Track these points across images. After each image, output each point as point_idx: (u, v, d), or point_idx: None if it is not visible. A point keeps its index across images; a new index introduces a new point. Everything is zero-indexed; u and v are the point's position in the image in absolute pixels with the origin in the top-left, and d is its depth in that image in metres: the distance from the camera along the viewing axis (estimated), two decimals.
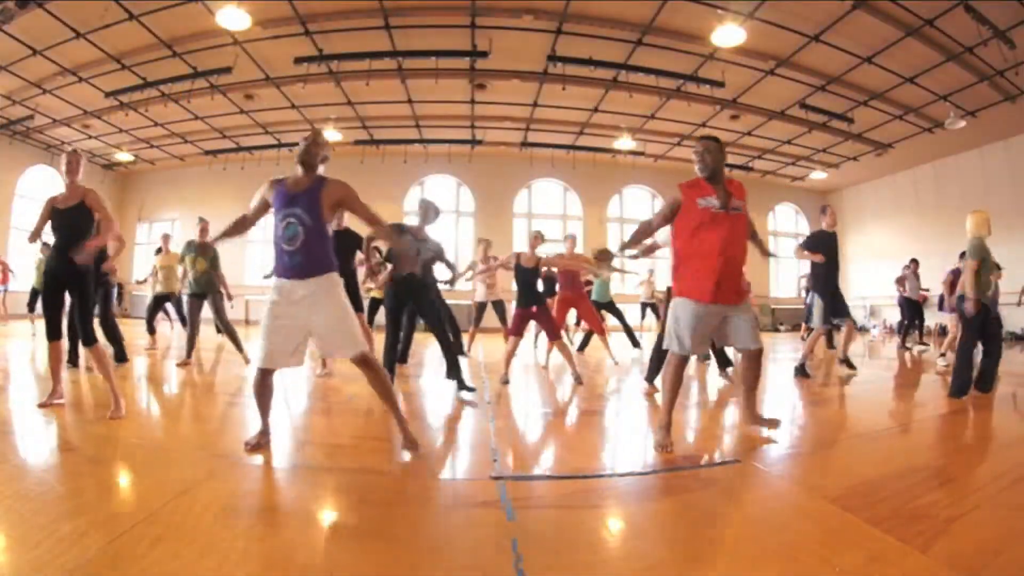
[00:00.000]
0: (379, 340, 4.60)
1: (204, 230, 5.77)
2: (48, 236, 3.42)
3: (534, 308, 4.97)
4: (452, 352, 4.36)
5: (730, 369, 5.05)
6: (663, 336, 3.19)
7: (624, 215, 15.40)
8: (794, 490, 2.29)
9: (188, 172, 14.72)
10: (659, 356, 4.23)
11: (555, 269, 6.45)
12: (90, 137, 12.56)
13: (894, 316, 13.85)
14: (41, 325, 8.31)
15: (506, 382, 4.79)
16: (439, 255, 4.46)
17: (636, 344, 7.72)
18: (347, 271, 4.15)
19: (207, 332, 7.42)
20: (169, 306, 7.49)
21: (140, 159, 14.26)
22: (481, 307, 7.53)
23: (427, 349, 7.36)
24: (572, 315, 8.13)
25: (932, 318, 10.38)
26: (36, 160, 13.06)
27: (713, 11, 7.54)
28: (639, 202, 15.71)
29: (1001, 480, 2.33)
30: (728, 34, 7.82)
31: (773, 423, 3.03)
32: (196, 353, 5.79)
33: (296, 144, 2.59)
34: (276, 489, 2.23)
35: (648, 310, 9.67)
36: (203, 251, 5.71)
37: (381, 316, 5.21)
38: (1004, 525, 1.84)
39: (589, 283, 7.48)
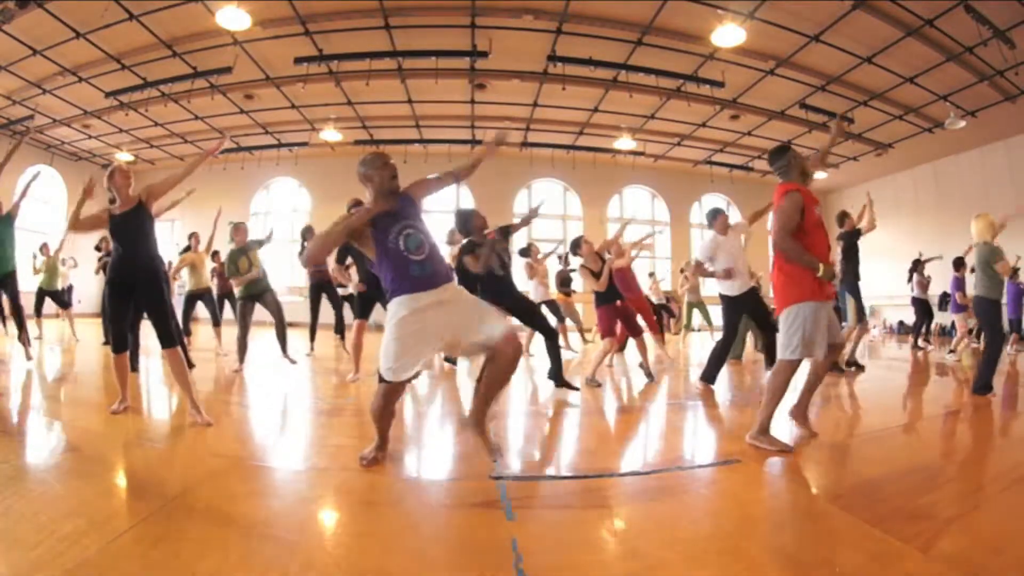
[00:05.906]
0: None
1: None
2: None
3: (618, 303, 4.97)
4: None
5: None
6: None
7: (624, 215, 15.38)
8: (794, 490, 2.29)
9: None
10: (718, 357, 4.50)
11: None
12: (90, 137, 12.56)
13: (894, 316, 13.91)
14: (49, 326, 8.11)
15: (598, 384, 4.72)
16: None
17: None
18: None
19: (205, 331, 7.42)
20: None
21: (140, 159, 14.24)
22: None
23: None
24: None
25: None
26: (36, 160, 13.04)
27: (713, 11, 7.54)
28: (639, 202, 15.70)
29: (1001, 480, 2.33)
30: (728, 34, 7.82)
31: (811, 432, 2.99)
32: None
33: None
34: (276, 489, 2.22)
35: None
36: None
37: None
38: (1004, 525, 1.84)
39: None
